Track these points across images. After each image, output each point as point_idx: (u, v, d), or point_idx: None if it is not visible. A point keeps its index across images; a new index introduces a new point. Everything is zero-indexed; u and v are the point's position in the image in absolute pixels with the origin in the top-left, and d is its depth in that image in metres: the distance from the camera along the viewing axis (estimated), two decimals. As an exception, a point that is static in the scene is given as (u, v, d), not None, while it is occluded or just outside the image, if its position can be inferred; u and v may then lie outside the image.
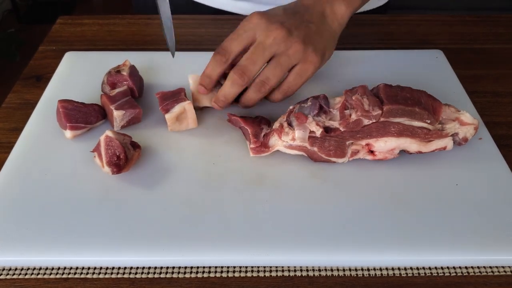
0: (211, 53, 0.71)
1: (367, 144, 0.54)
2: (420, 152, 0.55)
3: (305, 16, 0.56)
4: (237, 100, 0.60)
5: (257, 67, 0.55)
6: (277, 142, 0.55)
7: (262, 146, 0.55)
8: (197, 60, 0.69)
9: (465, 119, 0.55)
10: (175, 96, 0.59)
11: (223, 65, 0.56)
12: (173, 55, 0.62)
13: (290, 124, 0.54)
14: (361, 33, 0.58)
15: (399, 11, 1.59)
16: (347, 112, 0.53)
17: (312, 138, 0.53)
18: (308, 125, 0.53)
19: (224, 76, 0.59)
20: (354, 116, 0.52)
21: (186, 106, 0.58)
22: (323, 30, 0.57)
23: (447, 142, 0.55)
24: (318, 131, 0.52)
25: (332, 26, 0.58)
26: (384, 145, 0.53)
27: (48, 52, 0.75)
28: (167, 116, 0.58)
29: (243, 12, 0.85)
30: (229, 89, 0.56)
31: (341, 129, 0.52)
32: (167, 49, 0.67)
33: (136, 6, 0.99)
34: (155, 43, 0.77)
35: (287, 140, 0.54)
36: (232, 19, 0.82)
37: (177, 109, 0.58)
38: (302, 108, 0.54)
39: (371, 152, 0.54)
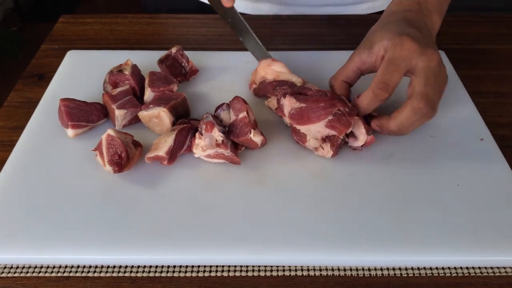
0: (213, 52, 0.72)
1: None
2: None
3: (425, 31, 0.56)
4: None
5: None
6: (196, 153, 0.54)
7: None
8: (198, 59, 0.69)
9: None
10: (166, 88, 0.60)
11: (383, 101, 0.54)
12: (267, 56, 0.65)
13: (201, 133, 0.54)
14: (362, 33, 0.58)
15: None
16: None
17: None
18: (214, 134, 0.53)
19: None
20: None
21: (162, 113, 0.56)
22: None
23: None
24: (220, 139, 0.53)
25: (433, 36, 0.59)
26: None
27: (50, 51, 0.76)
28: (140, 113, 0.58)
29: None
30: None
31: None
32: (168, 48, 0.67)
33: (144, 5, 0.98)
34: (157, 42, 0.77)
35: (199, 153, 0.54)
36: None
37: (153, 111, 0.57)
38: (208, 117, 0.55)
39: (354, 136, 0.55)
